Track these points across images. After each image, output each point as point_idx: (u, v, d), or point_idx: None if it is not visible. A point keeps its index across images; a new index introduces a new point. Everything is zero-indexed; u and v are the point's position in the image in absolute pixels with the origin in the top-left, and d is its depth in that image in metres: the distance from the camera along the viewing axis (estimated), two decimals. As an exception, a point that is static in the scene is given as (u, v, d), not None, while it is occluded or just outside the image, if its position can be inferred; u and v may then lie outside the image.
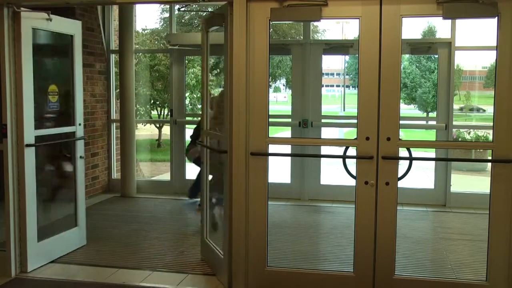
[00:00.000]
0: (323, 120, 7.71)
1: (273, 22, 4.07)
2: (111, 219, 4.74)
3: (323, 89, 8.60)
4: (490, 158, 3.80)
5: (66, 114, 5.08)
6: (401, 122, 3.84)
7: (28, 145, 4.48)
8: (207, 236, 4.78)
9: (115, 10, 8.22)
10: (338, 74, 33.89)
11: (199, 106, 13.90)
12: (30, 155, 4.51)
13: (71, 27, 5.08)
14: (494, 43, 3.69)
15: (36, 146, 4.58)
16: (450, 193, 7.08)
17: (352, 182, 4.02)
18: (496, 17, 3.62)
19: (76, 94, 5.10)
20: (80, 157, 5.20)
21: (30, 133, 4.50)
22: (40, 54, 4.73)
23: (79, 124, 5.15)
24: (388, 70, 3.76)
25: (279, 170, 8.08)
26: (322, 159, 7.86)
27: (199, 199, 6.80)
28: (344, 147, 4.54)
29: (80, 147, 5.25)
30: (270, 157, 4.07)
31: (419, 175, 9.19)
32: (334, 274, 4.14)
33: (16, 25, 4.35)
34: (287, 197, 7.43)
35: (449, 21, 6.82)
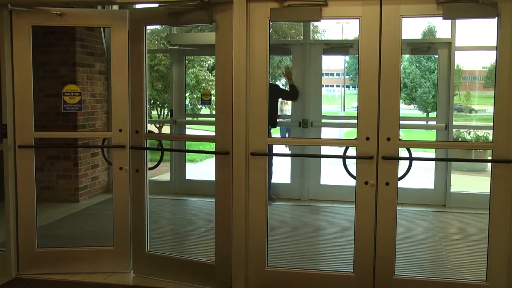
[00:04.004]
0: (323, 121, 7.71)
1: (273, 22, 4.07)
2: (111, 220, 4.75)
3: (323, 89, 8.60)
4: (490, 158, 3.80)
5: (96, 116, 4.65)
6: (401, 122, 3.83)
7: (21, 147, 4.39)
8: (148, 248, 4.48)
9: (115, 10, 8.22)
10: (338, 74, 33.94)
11: (199, 106, 13.92)
12: (24, 157, 4.41)
13: (105, 18, 4.56)
14: (494, 43, 3.68)
15: (33, 148, 4.43)
16: (450, 193, 7.08)
17: (352, 182, 4.02)
18: (496, 17, 3.62)
19: (113, 95, 4.46)
20: (120, 168, 4.47)
21: (27, 135, 4.40)
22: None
23: (120, 130, 4.46)
24: (388, 70, 3.75)
25: (279, 170, 8.09)
26: (322, 159, 7.85)
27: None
28: (344, 147, 4.54)
29: (120, 157, 4.47)
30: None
31: (419, 175, 9.19)
32: (334, 274, 4.14)
33: (14, 24, 4.29)
34: (287, 197, 7.43)
35: (449, 21, 6.81)
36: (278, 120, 8.59)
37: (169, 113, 8.14)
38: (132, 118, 4.41)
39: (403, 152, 4.03)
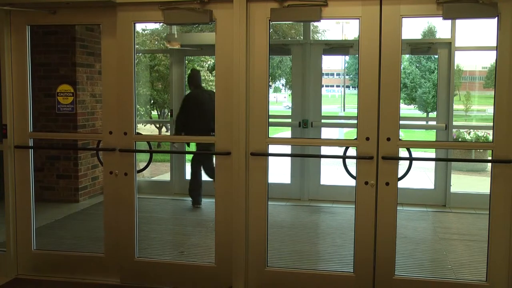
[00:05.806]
0: (323, 121, 7.71)
1: (273, 22, 4.07)
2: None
3: (323, 89, 8.60)
4: (490, 158, 3.80)
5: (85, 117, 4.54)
6: (401, 122, 3.84)
7: (18, 147, 4.38)
8: (137, 255, 4.36)
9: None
10: (338, 74, 33.93)
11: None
12: (21, 157, 4.39)
13: (95, 15, 4.22)
14: (494, 43, 3.69)
15: (29, 148, 4.39)
16: (450, 193, 7.08)
17: (352, 182, 4.02)
18: (496, 17, 3.62)
19: (104, 96, 4.27)
20: (111, 172, 4.29)
21: (23, 135, 4.38)
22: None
23: (110, 133, 4.26)
24: (388, 70, 3.76)
25: (279, 170, 8.09)
26: (322, 159, 7.85)
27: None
28: (344, 147, 4.54)
29: (111, 160, 4.28)
30: (269, 157, 4.07)
31: (419, 175, 9.19)
32: (334, 274, 4.14)
33: (12, 24, 4.29)
34: (287, 197, 7.43)
35: (449, 21, 6.82)
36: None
37: (169, 113, 8.14)
38: (120, 119, 4.21)
39: (403, 152, 4.03)
